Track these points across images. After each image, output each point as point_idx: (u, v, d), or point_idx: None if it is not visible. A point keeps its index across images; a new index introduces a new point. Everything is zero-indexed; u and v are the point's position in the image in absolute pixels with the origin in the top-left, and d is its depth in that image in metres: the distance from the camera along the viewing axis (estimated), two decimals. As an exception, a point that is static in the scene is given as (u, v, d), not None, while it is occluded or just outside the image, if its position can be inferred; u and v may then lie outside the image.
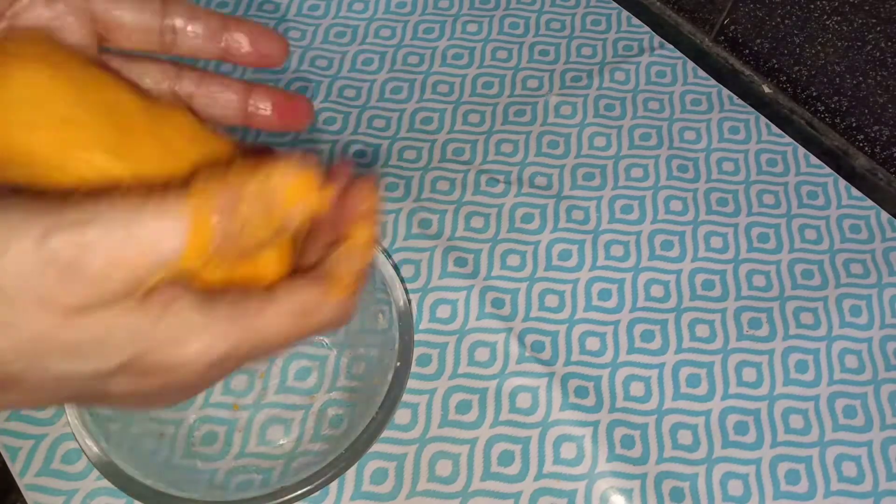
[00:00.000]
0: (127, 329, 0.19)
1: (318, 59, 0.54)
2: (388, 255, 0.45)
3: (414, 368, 0.41)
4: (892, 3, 0.47)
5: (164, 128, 0.22)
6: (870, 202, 0.50)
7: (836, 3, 0.50)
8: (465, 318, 0.43)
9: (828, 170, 0.51)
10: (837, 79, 0.52)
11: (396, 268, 0.44)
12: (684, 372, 0.42)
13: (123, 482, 0.31)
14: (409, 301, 0.42)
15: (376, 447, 0.38)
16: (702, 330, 0.44)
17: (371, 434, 0.33)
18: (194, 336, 0.20)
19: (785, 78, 0.56)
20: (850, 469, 0.39)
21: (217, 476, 0.37)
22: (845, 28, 0.50)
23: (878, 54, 0.49)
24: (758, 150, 0.52)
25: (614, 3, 0.59)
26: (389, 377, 0.35)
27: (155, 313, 0.19)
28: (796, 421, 0.41)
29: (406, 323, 0.36)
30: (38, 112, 0.20)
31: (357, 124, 0.51)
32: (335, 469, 0.32)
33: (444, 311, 0.43)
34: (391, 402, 0.34)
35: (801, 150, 0.52)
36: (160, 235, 0.19)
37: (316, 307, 0.22)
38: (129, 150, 0.21)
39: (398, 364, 0.35)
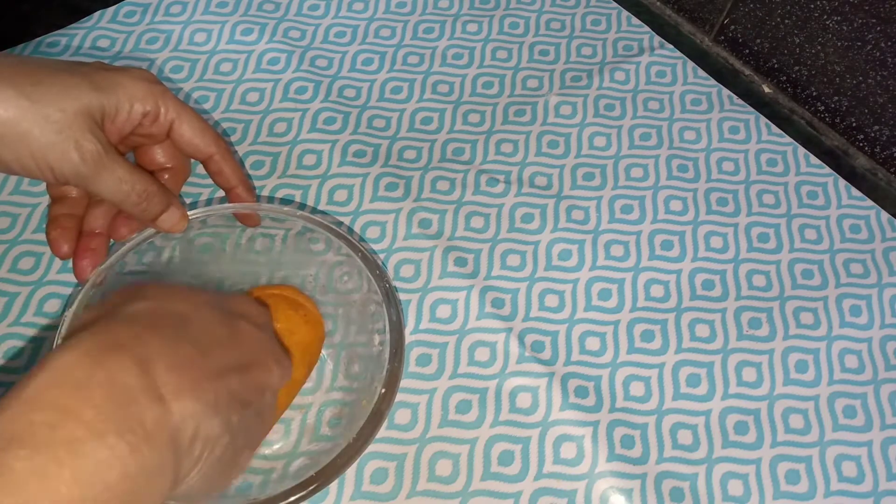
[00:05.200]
0: None
1: (318, 59, 0.54)
2: (382, 263, 0.45)
3: (414, 368, 0.41)
4: (892, 3, 0.47)
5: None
6: (870, 202, 0.50)
7: (836, 3, 0.50)
8: (465, 318, 0.43)
9: (828, 170, 0.51)
10: (837, 79, 0.52)
11: (383, 265, 0.44)
12: (684, 372, 0.42)
13: None
14: (398, 297, 0.42)
15: (376, 447, 0.38)
16: (702, 330, 0.44)
17: (365, 438, 0.33)
18: None
19: (785, 78, 0.56)
20: (850, 469, 0.39)
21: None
22: (845, 28, 0.50)
23: (878, 54, 0.49)
24: (758, 150, 0.52)
25: (614, 3, 0.59)
26: (384, 375, 0.35)
27: None
28: (796, 421, 0.41)
29: (396, 321, 0.36)
30: None
31: (357, 124, 0.51)
32: (326, 475, 0.32)
33: (444, 311, 0.43)
34: (385, 403, 0.34)
35: (801, 150, 0.52)
36: None
37: None
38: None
39: (393, 364, 0.35)
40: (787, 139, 0.53)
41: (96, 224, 0.40)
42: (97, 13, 0.54)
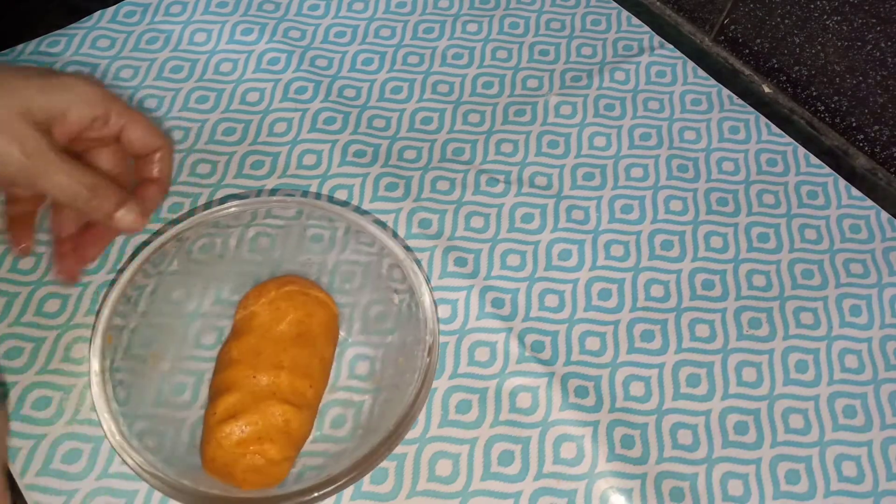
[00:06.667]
0: None
1: (318, 59, 0.54)
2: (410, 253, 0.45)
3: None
4: (892, 3, 0.47)
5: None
6: (870, 202, 0.50)
7: (836, 3, 0.50)
8: (465, 318, 0.43)
9: (828, 170, 0.51)
10: (837, 79, 0.52)
11: (418, 262, 0.44)
12: (684, 372, 0.42)
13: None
14: (435, 302, 0.42)
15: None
16: (702, 330, 0.44)
17: (394, 438, 0.33)
18: None
19: (785, 78, 0.56)
20: (850, 469, 0.39)
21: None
22: (845, 28, 0.50)
23: (878, 54, 0.49)
24: (758, 150, 0.52)
25: (614, 3, 0.59)
26: (416, 378, 0.35)
27: None
28: (796, 421, 0.41)
29: (433, 325, 0.36)
30: None
31: (357, 124, 0.51)
32: (348, 477, 0.32)
33: (444, 311, 0.43)
34: (424, 391, 0.34)
35: (801, 150, 0.52)
36: None
37: None
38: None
39: (426, 363, 0.35)
40: (787, 139, 0.53)
41: (64, 229, 0.40)
42: (97, 13, 0.54)
